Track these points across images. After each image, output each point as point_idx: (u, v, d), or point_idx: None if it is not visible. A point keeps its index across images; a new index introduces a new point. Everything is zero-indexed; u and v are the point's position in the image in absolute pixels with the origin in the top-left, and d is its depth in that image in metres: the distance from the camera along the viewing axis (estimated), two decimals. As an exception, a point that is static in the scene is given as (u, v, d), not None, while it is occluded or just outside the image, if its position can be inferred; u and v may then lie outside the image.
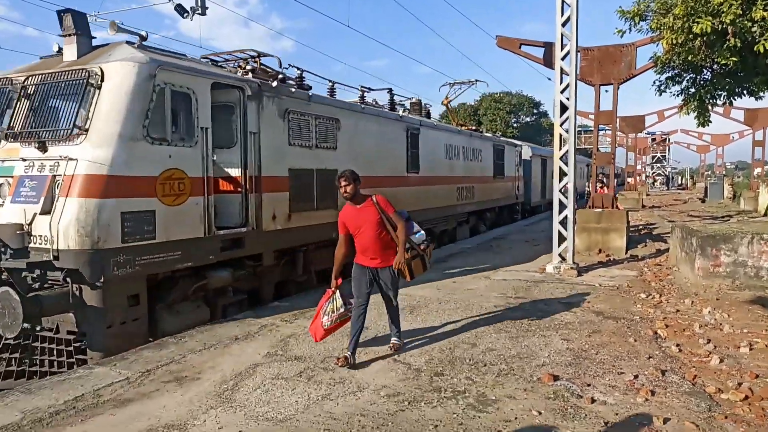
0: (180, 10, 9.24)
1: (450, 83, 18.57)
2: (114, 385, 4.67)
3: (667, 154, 64.60)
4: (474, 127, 19.29)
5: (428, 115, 15.14)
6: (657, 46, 10.25)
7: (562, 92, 9.87)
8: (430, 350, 5.48)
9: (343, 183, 5.06)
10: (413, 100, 14.65)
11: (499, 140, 19.94)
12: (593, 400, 4.17)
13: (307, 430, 3.77)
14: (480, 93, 55.93)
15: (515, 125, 55.63)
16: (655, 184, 60.77)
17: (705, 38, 8.32)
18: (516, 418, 3.90)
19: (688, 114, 10.87)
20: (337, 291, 5.14)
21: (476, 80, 18.64)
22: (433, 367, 4.97)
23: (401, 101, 13.43)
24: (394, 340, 5.52)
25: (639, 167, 46.20)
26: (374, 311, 6.36)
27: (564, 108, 9.89)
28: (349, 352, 5.07)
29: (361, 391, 4.46)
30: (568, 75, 9.74)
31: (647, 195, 37.63)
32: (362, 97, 11.24)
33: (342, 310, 5.14)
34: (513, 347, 5.53)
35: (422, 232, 5.31)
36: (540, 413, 3.97)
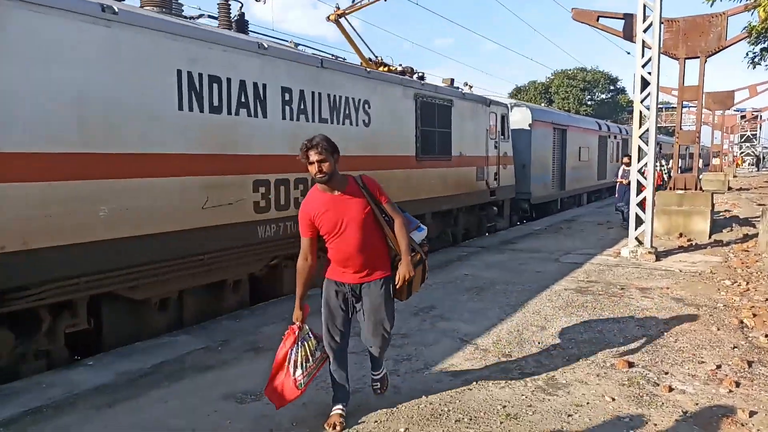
0: (250, -7, 9.32)
1: None
2: (196, 353, 4.97)
3: (758, 133, 59.74)
4: (384, 64, 10.51)
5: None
6: (752, 14, 9.45)
7: (643, 67, 9.33)
8: (497, 331, 5.43)
9: (315, 157, 3.22)
10: None
11: (441, 90, 10.73)
12: (671, 389, 4.00)
13: (375, 404, 3.85)
14: (551, 71, 53.84)
15: (589, 103, 53.20)
16: (743, 165, 56.50)
17: (809, 3, 7.58)
18: (588, 403, 3.81)
19: (786, 88, 9.98)
20: (305, 326, 3.52)
21: None
22: (500, 349, 4.93)
23: None
24: (375, 386, 3.79)
25: (726, 147, 43.07)
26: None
27: (645, 84, 9.35)
28: (341, 407, 3.58)
29: (428, 368, 4.50)
30: (650, 48, 9.18)
31: (734, 177, 35.06)
32: None
33: (318, 353, 3.55)
34: (585, 332, 5.39)
35: (423, 226, 3.73)
36: (613, 399, 3.86)
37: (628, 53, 26.41)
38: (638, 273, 8.08)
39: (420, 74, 10.65)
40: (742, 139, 58.63)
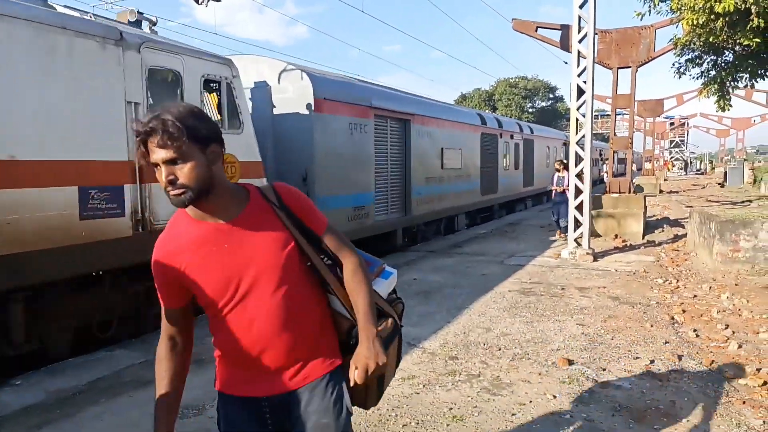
0: (191, -6, 9.17)
1: None
2: (134, 367, 4.76)
3: (685, 139, 63.48)
4: None
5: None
6: (677, 27, 10.06)
7: (578, 76, 9.73)
8: (444, 334, 5.50)
9: (159, 154, 1.54)
10: None
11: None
12: (609, 385, 4.16)
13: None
14: (495, 79, 55.39)
15: (530, 110, 55.01)
16: (672, 169, 59.86)
17: (727, 18, 8.14)
18: (530, 402, 3.91)
19: (708, 97, 10.69)
20: None
21: None
22: (447, 351, 4.99)
23: None
24: None
25: (657, 152, 45.48)
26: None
27: (581, 92, 9.75)
28: None
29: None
30: (585, 58, 9.59)
31: (665, 180, 37.08)
32: None
33: None
34: (528, 332, 5.53)
35: (391, 270, 2.20)
36: (555, 397, 3.98)
37: (566, 63, 26.61)
38: (577, 273, 8.39)
39: None
40: (672, 145, 62.14)
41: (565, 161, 11.51)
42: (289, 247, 1.73)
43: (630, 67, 11.97)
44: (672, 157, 62.08)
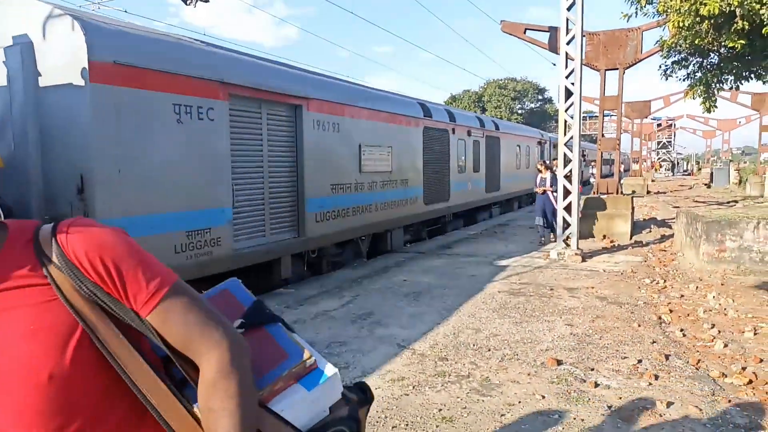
0: (181, -4, 9.15)
1: None
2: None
3: (672, 140, 64.14)
4: None
5: None
6: (663, 29, 10.16)
7: (567, 77, 9.80)
8: (434, 336, 5.50)
9: None
10: None
11: None
12: (597, 384, 4.19)
13: (312, 414, 3.80)
14: (484, 80, 55.64)
15: (520, 112, 55.31)
16: (660, 170, 60.47)
17: (712, 21, 8.22)
18: (520, 402, 3.93)
19: (694, 99, 10.77)
20: None
21: None
22: (437, 353, 5.00)
23: None
24: None
25: (644, 153, 45.92)
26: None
27: (569, 93, 9.82)
28: None
29: (365, 376, 4.49)
30: (573, 60, 9.66)
31: (652, 181, 37.43)
32: None
33: None
34: (517, 332, 5.56)
35: (327, 374, 1.13)
36: (543, 397, 4.00)
37: (554, 65, 26.65)
38: (566, 274, 8.44)
39: None
40: (659, 146, 62.76)
41: (547, 162, 11.55)
42: (69, 344, 0.93)
43: (617, 68, 12.08)
44: (659, 158, 62.71)
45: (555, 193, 11.21)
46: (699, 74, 10.59)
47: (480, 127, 15.84)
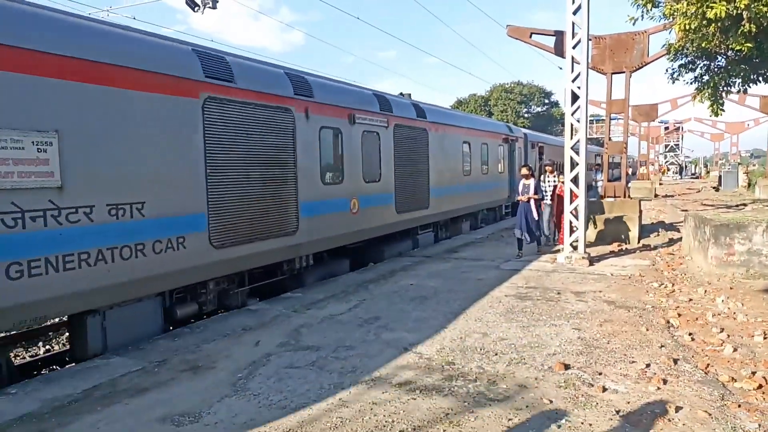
0: (191, 4, 9.27)
1: None
2: (130, 375, 4.75)
3: (680, 143, 63.80)
4: None
5: None
6: (670, 32, 10.13)
7: (573, 81, 9.79)
8: (441, 340, 5.50)
9: None
10: None
11: None
12: (605, 389, 4.17)
13: (320, 418, 3.81)
14: (490, 84, 55.65)
15: (526, 115, 55.25)
16: (668, 173, 60.13)
17: (719, 24, 8.18)
18: (527, 407, 3.91)
19: (702, 102, 10.71)
20: None
21: None
22: (444, 357, 5.00)
23: None
24: None
25: (652, 156, 45.71)
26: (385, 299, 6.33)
27: (575, 97, 9.81)
28: None
29: (372, 380, 4.50)
30: (579, 64, 9.65)
31: (660, 184, 37.23)
32: None
33: None
34: (524, 336, 5.54)
35: None
36: (551, 401, 3.98)
37: (560, 68, 26.41)
38: (573, 278, 8.41)
39: None
40: (667, 149, 62.43)
41: (531, 166, 10.89)
42: None
43: (624, 72, 12.04)
44: (667, 161, 62.37)
45: (543, 201, 11.03)
46: (706, 77, 10.53)
47: (381, 112, 10.55)
